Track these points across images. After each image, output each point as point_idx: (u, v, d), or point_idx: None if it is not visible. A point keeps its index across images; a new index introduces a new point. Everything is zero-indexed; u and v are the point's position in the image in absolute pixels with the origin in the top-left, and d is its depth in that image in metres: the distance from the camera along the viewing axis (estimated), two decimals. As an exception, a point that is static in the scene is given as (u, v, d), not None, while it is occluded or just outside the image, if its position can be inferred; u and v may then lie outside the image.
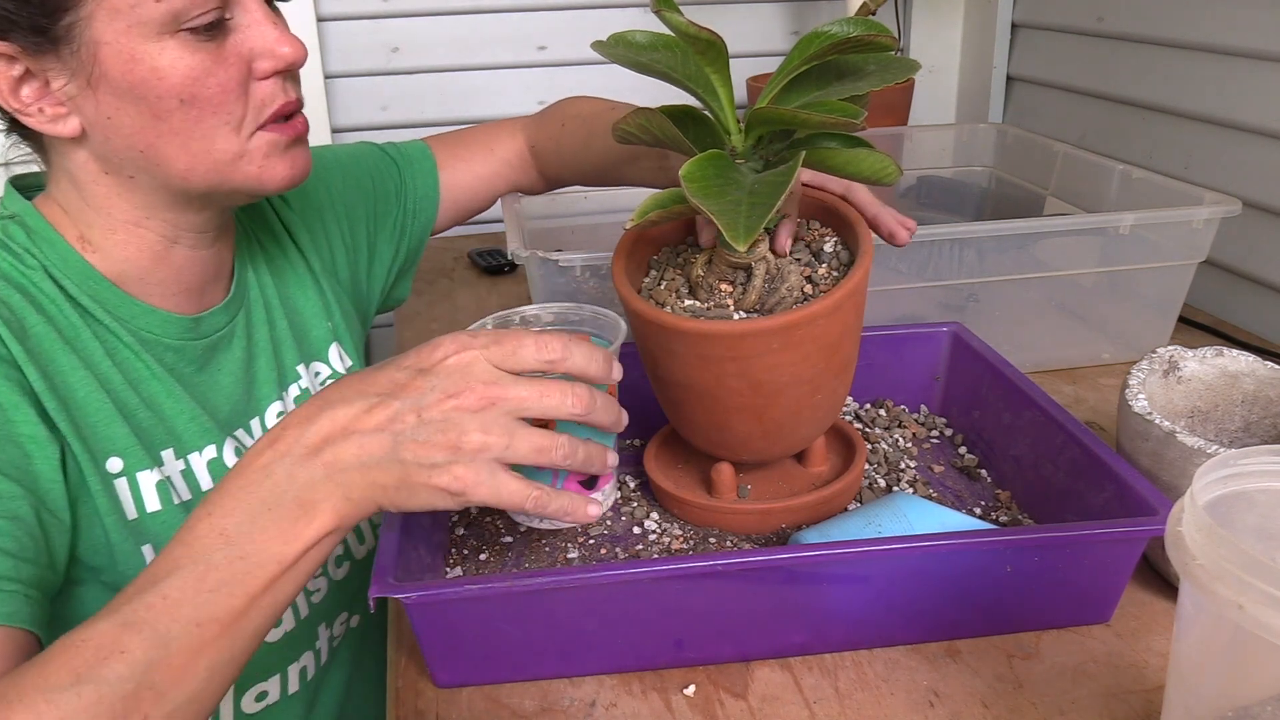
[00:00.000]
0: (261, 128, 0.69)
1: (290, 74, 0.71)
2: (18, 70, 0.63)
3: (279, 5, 0.72)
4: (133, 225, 0.71)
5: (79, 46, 0.62)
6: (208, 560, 0.51)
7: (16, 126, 0.68)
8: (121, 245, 0.71)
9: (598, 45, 0.68)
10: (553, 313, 0.76)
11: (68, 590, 0.66)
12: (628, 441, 0.90)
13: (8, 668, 0.53)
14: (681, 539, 0.76)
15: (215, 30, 0.65)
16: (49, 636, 0.53)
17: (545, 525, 0.71)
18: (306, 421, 0.55)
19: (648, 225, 0.68)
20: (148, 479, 0.69)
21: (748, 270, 0.70)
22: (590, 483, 0.70)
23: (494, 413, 0.55)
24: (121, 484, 0.68)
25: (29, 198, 0.72)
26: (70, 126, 0.65)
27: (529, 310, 0.76)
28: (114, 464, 0.68)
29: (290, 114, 0.71)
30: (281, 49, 0.68)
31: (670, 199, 0.67)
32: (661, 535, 0.77)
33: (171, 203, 0.71)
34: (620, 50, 0.68)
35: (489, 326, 0.72)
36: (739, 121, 0.68)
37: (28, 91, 0.64)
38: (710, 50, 0.64)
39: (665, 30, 0.65)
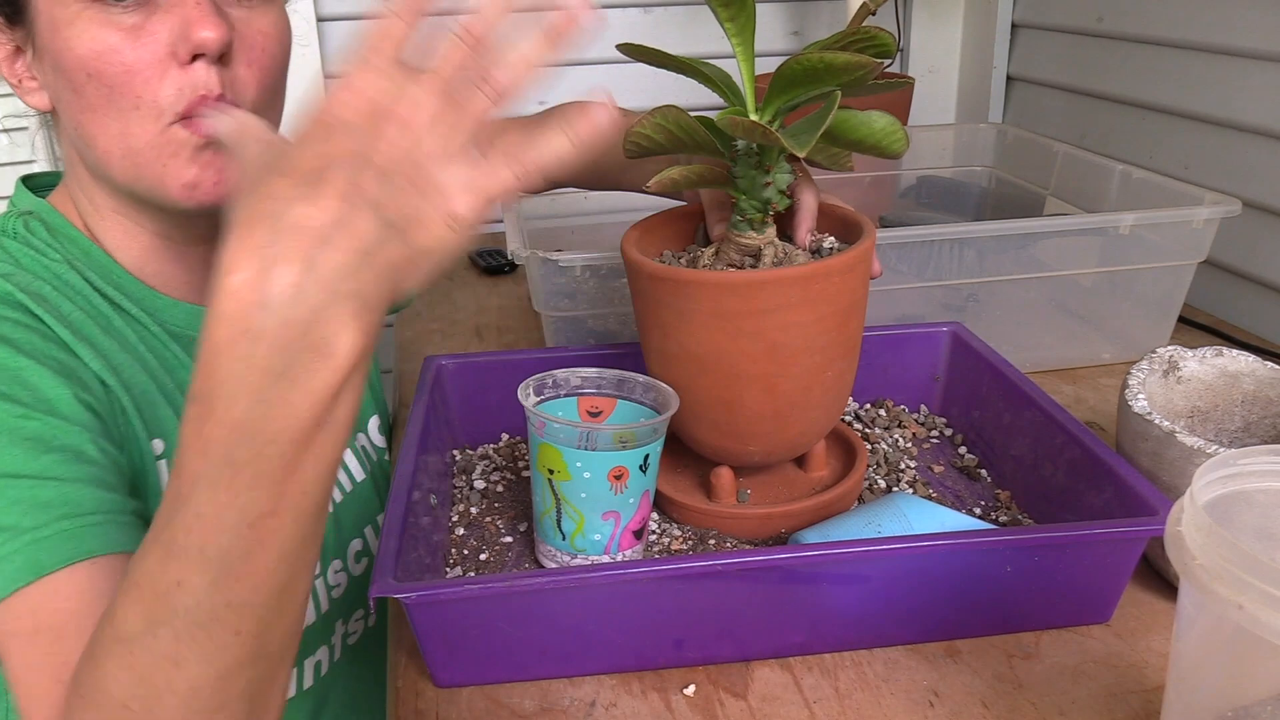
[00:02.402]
0: (182, 120, 0.63)
1: (231, 60, 0.64)
2: (9, 44, 0.65)
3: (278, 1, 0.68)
4: (115, 213, 0.70)
5: (34, 16, 0.63)
6: (230, 460, 0.41)
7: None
8: (111, 233, 0.70)
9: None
10: (606, 378, 0.75)
11: None
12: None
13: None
14: (681, 539, 0.76)
15: (138, 5, 0.61)
16: None
17: (578, 562, 0.71)
18: (261, 254, 0.41)
19: (669, 187, 0.68)
20: None
21: (756, 255, 0.70)
22: (641, 532, 0.72)
23: (435, 115, 0.44)
24: (162, 465, 0.68)
25: (42, 196, 0.72)
26: (41, 100, 0.66)
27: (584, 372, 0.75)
28: (157, 445, 0.68)
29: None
30: (199, 31, 0.61)
31: (693, 168, 0.68)
32: (661, 536, 0.77)
33: (127, 196, 0.68)
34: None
35: (530, 392, 0.71)
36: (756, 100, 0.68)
37: (20, 65, 0.66)
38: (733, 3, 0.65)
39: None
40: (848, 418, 0.93)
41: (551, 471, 0.69)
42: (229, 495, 0.42)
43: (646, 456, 0.69)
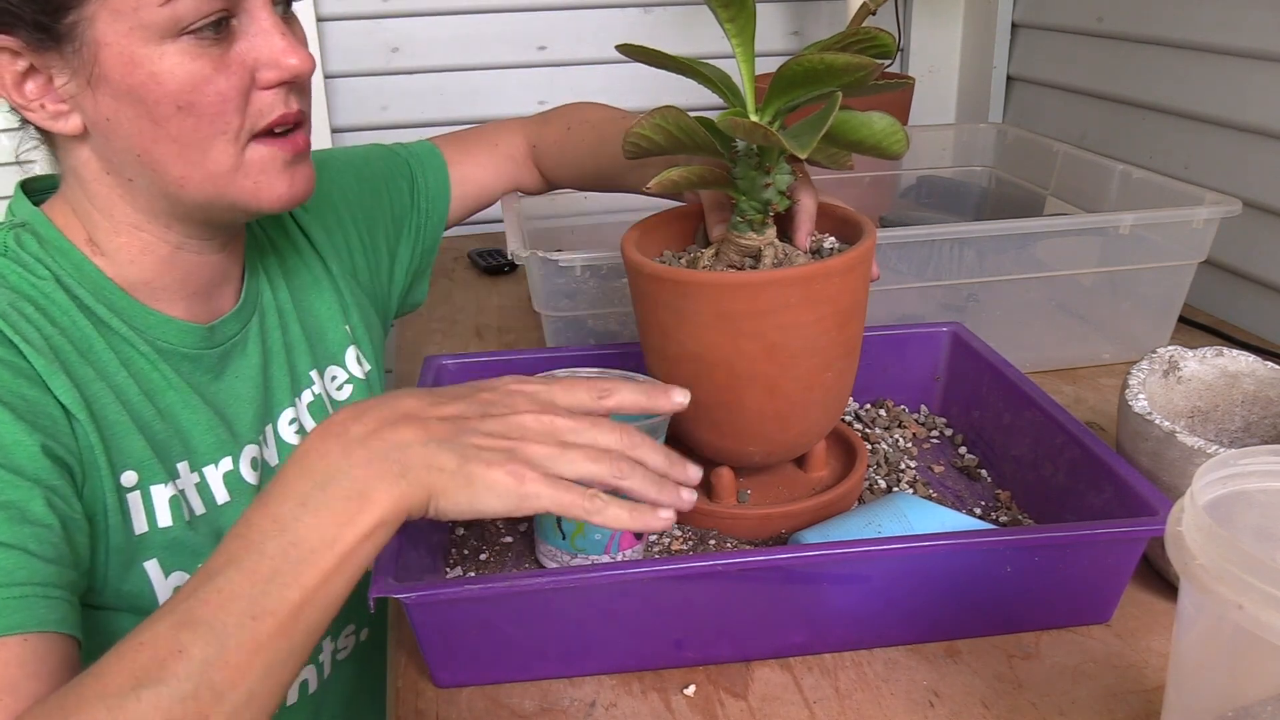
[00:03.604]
0: (258, 138, 0.67)
1: (296, 86, 0.69)
2: (21, 65, 0.63)
3: (294, 11, 0.70)
4: (135, 229, 0.70)
5: (81, 45, 0.62)
6: (260, 550, 0.50)
7: (27, 122, 0.68)
8: (125, 249, 0.70)
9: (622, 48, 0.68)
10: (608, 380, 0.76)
11: None
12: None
13: (62, 674, 0.53)
14: (681, 539, 0.76)
15: (220, 36, 0.64)
16: None
17: (579, 562, 0.71)
18: (367, 408, 0.55)
19: (669, 188, 0.69)
20: (161, 494, 0.68)
21: (756, 256, 0.70)
22: (640, 532, 0.71)
23: (550, 428, 0.56)
24: (134, 498, 0.67)
25: (41, 199, 0.72)
26: (72, 124, 0.65)
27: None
28: (128, 478, 0.67)
29: (292, 127, 0.69)
30: (288, 59, 0.66)
31: (693, 169, 0.68)
32: (661, 536, 0.77)
33: (171, 210, 0.69)
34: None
35: None
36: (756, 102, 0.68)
37: (31, 87, 0.64)
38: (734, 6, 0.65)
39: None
40: (848, 418, 0.93)
41: None
42: (249, 582, 0.49)
43: None
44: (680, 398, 0.62)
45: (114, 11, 0.61)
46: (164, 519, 0.68)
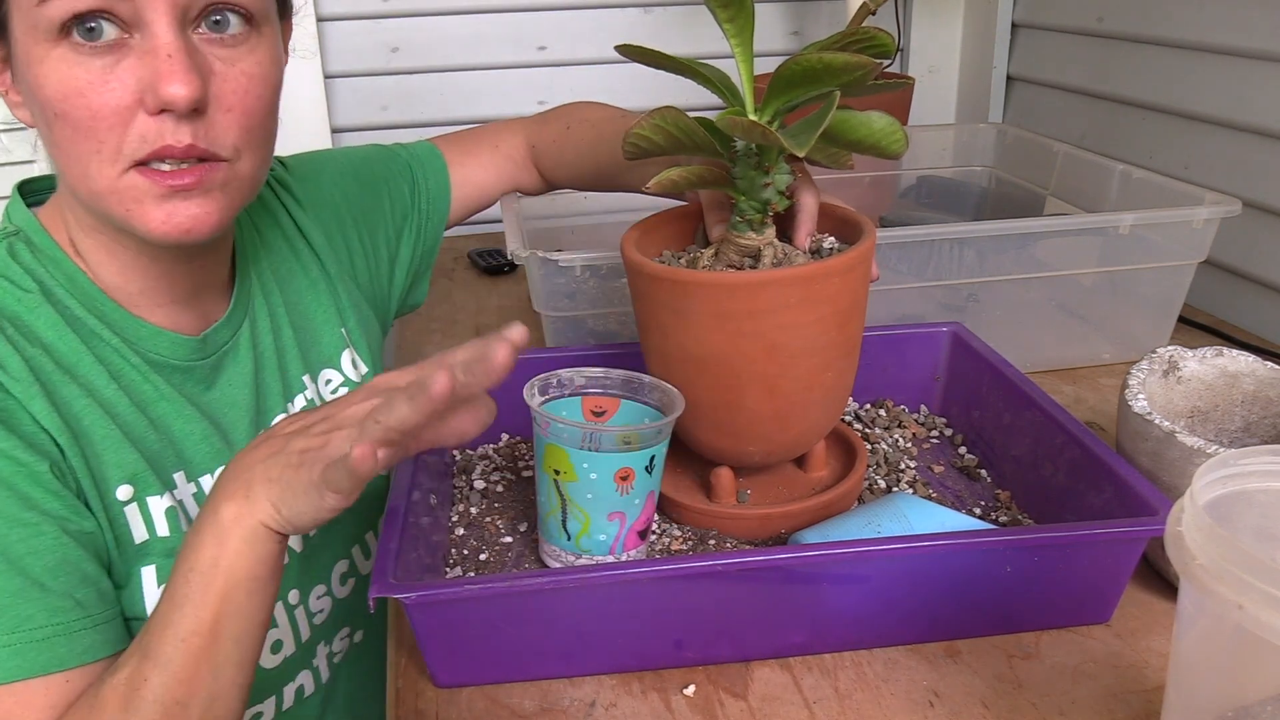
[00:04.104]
0: (139, 166, 0.61)
1: (199, 116, 0.61)
2: (1, 52, 0.64)
3: (237, 31, 0.63)
4: (95, 230, 0.68)
5: (12, 40, 0.62)
6: (174, 579, 0.57)
7: None
8: (93, 250, 0.68)
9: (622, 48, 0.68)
10: (612, 379, 0.75)
11: None
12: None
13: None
14: (681, 539, 0.76)
15: (105, 46, 0.59)
16: None
17: (583, 562, 0.71)
18: (262, 435, 0.61)
19: (669, 188, 0.69)
20: (158, 505, 0.68)
21: (755, 256, 0.70)
22: (645, 532, 0.72)
23: (349, 418, 0.57)
24: (131, 510, 0.67)
25: (40, 200, 0.72)
26: (24, 115, 0.65)
27: (591, 372, 0.76)
28: (124, 491, 0.66)
29: (180, 160, 0.61)
30: (167, 87, 0.58)
31: (692, 169, 0.68)
32: (661, 536, 0.77)
33: (102, 217, 0.66)
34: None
35: (535, 392, 0.72)
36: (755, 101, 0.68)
37: (7, 77, 0.65)
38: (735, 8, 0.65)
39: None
40: (848, 418, 0.93)
41: (557, 472, 0.68)
42: (170, 610, 0.56)
43: (652, 458, 0.69)
44: (514, 336, 0.53)
45: (17, 6, 0.60)
46: (162, 529, 0.68)
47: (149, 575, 0.67)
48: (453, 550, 0.76)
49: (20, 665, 0.58)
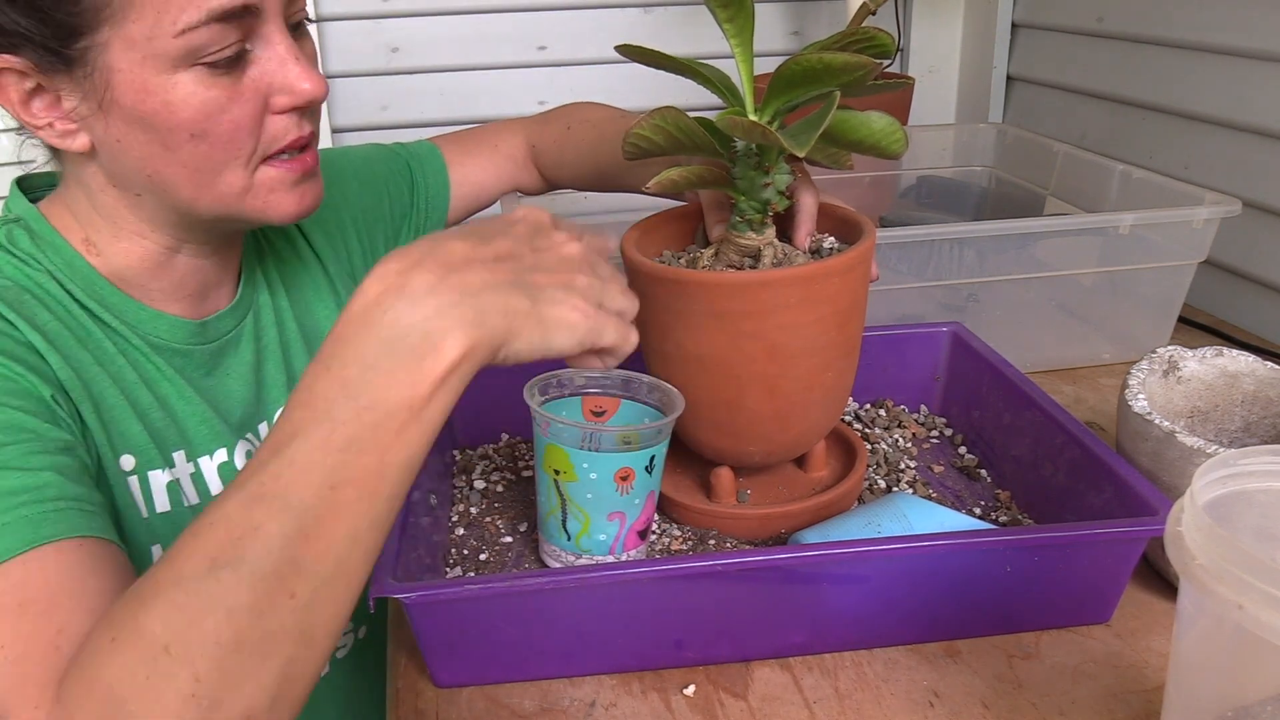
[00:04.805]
0: (268, 160, 0.68)
1: (308, 109, 0.69)
2: (29, 84, 0.63)
3: (307, 29, 0.70)
4: (138, 236, 0.70)
5: (93, 70, 0.61)
6: (331, 417, 0.47)
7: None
8: (124, 253, 0.70)
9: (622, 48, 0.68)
10: (611, 378, 0.75)
11: None
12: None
13: (124, 575, 0.53)
14: (681, 539, 0.76)
15: (234, 64, 0.63)
16: None
17: (583, 562, 0.71)
18: (418, 258, 0.51)
19: (669, 188, 0.69)
20: (159, 479, 0.69)
21: (755, 256, 0.70)
22: (645, 532, 0.72)
23: (587, 260, 0.58)
24: (133, 481, 0.68)
25: (37, 197, 0.72)
26: (79, 143, 0.65)
27: (589, 373, 0.75)
28: (127, 461, 0.68)
29: (302, 148, 0.69)
30: (301, 85, 0.66)
31: (692, 169, 0.68)
32: (661, 536, 0.77)
33: (178, 221, 0.70)
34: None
35: (535, 392, 0.71)
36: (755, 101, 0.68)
37: (39, 105, 0.64)
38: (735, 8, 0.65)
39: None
40: (848, 418, 0.93)
41: (557, 472, 0.69)
42: (322, 451, 0.47)
43: (652, 458, 0.69)
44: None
45: (128, 40, 0.60)
46: (161, 504, 0.69)
47: (158, 553, 0.68)
48: (453, 550, 0.76)
49: (33, 535, 0.54)
